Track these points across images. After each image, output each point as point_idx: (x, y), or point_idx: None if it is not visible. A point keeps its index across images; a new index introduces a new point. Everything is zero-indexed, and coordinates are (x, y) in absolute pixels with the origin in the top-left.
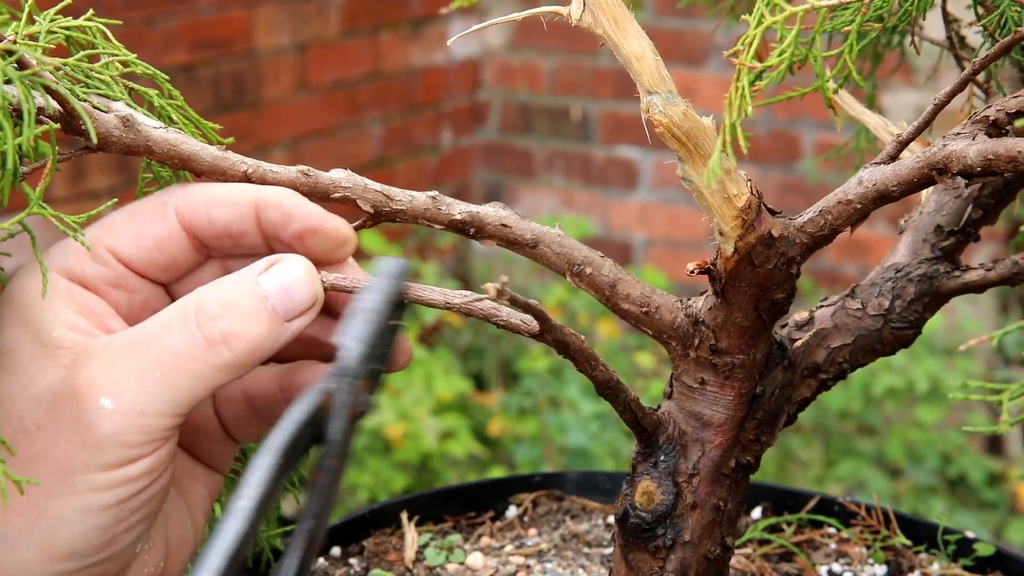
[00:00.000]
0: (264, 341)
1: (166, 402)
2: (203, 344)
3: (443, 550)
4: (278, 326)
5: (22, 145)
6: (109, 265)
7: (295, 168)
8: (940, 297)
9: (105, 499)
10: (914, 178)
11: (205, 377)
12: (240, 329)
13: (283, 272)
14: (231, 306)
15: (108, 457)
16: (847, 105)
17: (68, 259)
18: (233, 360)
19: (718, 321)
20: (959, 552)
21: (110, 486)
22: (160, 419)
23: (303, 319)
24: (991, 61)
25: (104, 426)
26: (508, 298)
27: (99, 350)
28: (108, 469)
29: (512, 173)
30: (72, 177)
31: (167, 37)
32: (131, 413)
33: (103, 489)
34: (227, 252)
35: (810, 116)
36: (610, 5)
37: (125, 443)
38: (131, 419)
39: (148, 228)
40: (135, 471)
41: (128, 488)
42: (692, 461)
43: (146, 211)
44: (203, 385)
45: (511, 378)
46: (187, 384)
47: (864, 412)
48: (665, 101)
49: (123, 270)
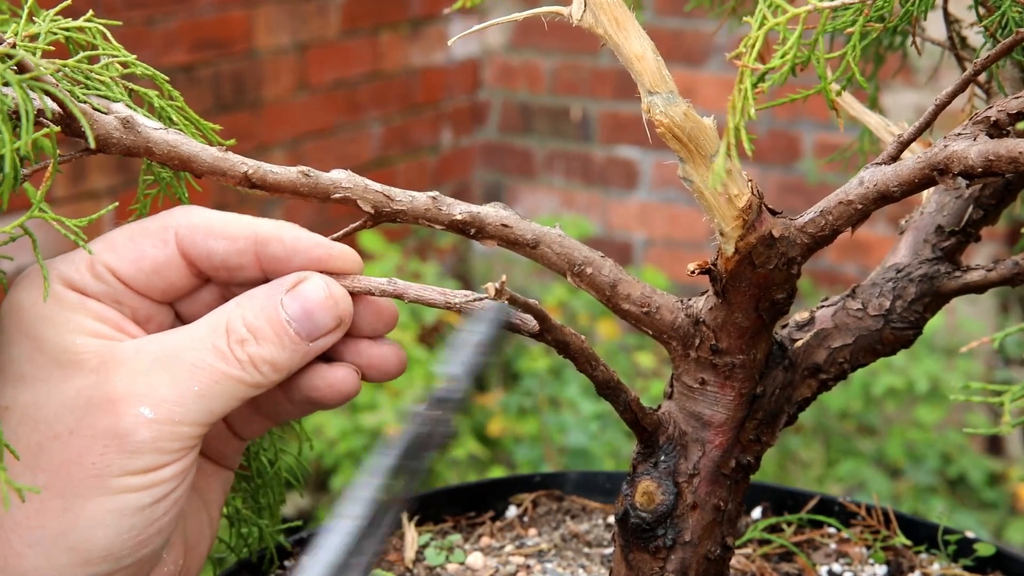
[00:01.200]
0: (287, 364)
1: (201, 413)
2: (236, 365)
3: (443, 550)
4: (301, 348)
5: (21, 148)
6: (108, 283)
7: (295, 169)
8: (941, 297)
9: (141, 500)
10: (915, 179)
11: (237, 392)
12: (266, 354)
13: (306, 295)
14: (257, 331)
15: (144, 462)
16: (848, 105)
17: (70, 272)
18: (262, 380)
19: (718, 321)
20: (959, 552)
21: (145, 487)
22: (194, 428)
23: (328, 338)
24: (992, 62)
25: (142, 434)
26: (507, 297)
27: (130, 356)
28: (143, 473)
29: (512, 173)
30: (72, 178)
31: (167, 37)
32: (169, 422)
33: (138, 490)
34: (224, 282)
35: (810, 116)
36: (611, 5)
37: (161, 449)
38: (169, 428)
39: (148, 251)
40: (168, 474)
41: (161, 489)
42: (692, 461)
43: (148, 233)
44: (236, 398)
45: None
46: (221, 398)
47: (864, 412)
48: (666, 101)
49: (122, 288)
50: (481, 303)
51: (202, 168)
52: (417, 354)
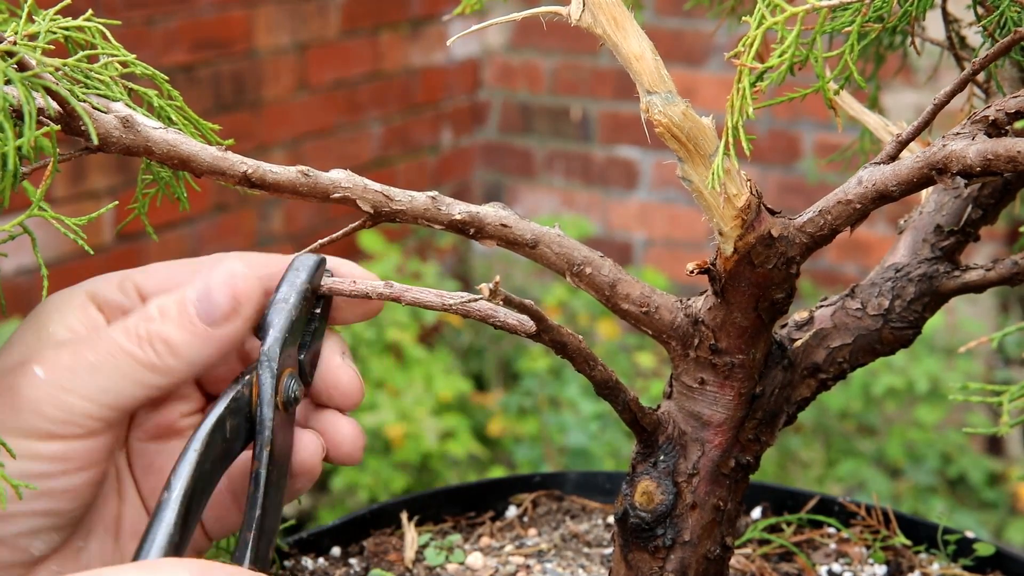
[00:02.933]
0: (183, 346)
1: (92, 388)
2: (134, 341)
3: (443, 550)
4: (199, 331)
5: (22, 146)
6: (129, 297)
7: (295, 168)
8: (940, 297)
9: (22, 468)
10: (914, 178)
11: (131, 372)
12: (162, 332)
13: (211, 276)
14: (164, 310)
15: (27, 423)
16: (847, 105)
17: (98, 283)
18: (156, 361)
19: (718, 321)
20: (959, 552)
21: (26, 455)
22: (82, 401)
23: (228, 327)
24: (991, 61)
25: (27, 392)
26: (502, 298)
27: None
28: (24, 437)
29: (512, 173)
30: (72, 177)
31: (167, 37)
32: (55, 386)
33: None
34: None
35: (810, 116)
36: (610, 5)
37: (42, 415)
38: (53, 392)
39: (177, 278)
40: (45, 450)
41: (43, 466)
42: (692, 461)
43: (183, 267)
44: (130, 379)
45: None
46: (114, 375)
47: (864, 412)
48: (665, 101)
49: (137, 301)
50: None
51: (201, 167)
52: (417, 354)
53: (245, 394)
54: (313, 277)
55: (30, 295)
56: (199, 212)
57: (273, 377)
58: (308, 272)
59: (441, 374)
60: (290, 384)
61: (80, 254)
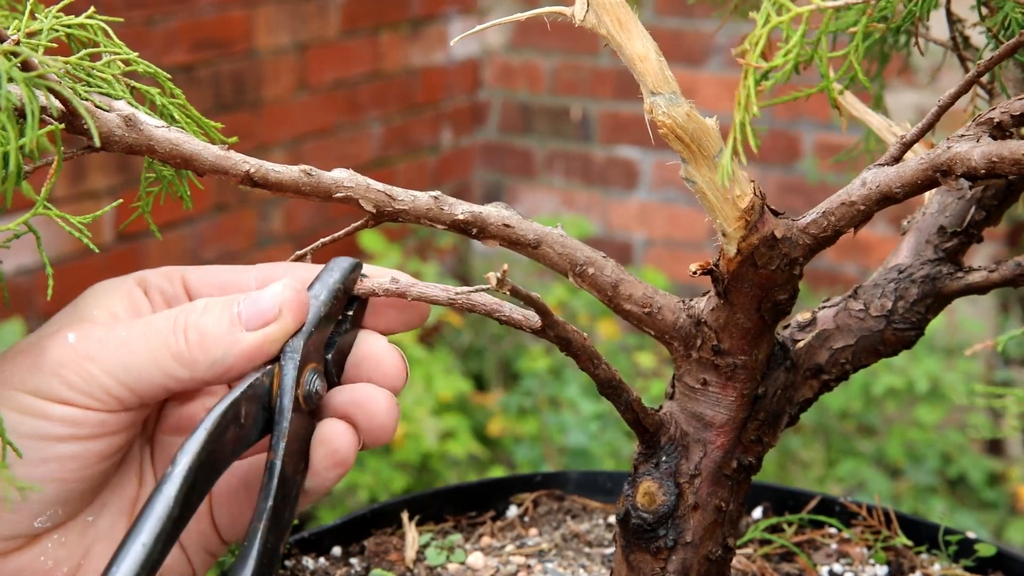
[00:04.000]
0: (214, 341)
1: (115, 362)
2: (170, 327)
3: (444, 550)
4: (236, 330)
5: (25, 146)
6: (175, 286)
7: (297, 168)
8: (943, 298)
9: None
10: (918, 180)
11: (158, 356)
12: (200, 323)
13: (265, 288)
14: (209, 306)
15: (42, 383)
16: (850, 105)
17: (148, 272)
18: (183, 350)
19: (720, 322)
20: (960, 553)
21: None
22: (102, 374)
23: (266, 330)
24: (995, 64)
25: (53, 353)
26: (509, 288)
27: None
28: (39, 397)
29: (512, 173)
30: (72, 177)
31: (167, 37)
32: (81, 353)
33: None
34: None
35: (810, 116)
36: (614, 6)
37: (62, 378)
38: (78, 359)
39: (225, 276)
40: (56, 412)
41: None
42: (694, 462)
43: (236, 269)
44: (154, 364)
45: (511, 378)
46: (141, 355)
47: (864, 412)
48: (669, 102)
49: (183, 294)
50: (482, 295)
51: (204, 166)
52: (417, 354)
53: (265, 383)
54: (347, 278)
55: (30, 295)
56: (199, 212)
57: (295, 369)
58: (342, 273)
59: (441, 374)
60: (312, 379)
61: (80, 254)
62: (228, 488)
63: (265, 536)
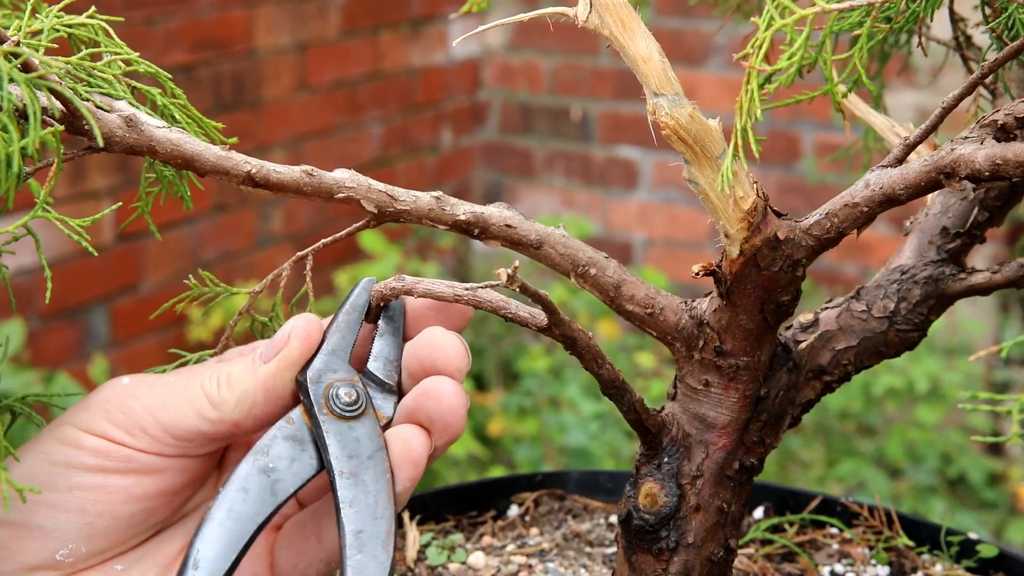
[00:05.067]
0: (239, 379)
1: (155, 401)
2: (208, 374)
3: (445, 549)
4: (255, 366)
5: (27, 147)
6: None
7: (299, 168)
8: (946, 299)
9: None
10: (921, 182)
11: (194, 398)
12: (230, 367)
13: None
14: (242, 352)
15: (86, 416)
16: (853, 106)
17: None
18: (214, 391)
19: (723, 323)
20: (962, 553)
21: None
22: (142, 411)
23: (277, 357)
24: (999, 65)
25: (105, 391)
26: (518, 285)
27: None
28: (74, 426)
29: (512, 173)
30: (72, 178)
31: (167, 37)
32: (128, 392)
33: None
34: None
35: (810, 116)
36: (617, 6)
37: (105, 413)
38: (124, 396)
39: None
40: (88, 443)
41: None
42: (696, 463)
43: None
44: (189, 406)
45: (511, 378)
46: (179, 398)
47: (864, 412)
48: (672, 103)
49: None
50: (485, 290)
51: (205, 167)
52: None
53: (294, 421)
54: (360, 295)
55: (30, 295)
56: (199, 212)
57: (316, 385)
58: (356, 291)
59: None
60: (336, 391)
61: (80, 254)
62: (294, 525)
63: (346, 554)
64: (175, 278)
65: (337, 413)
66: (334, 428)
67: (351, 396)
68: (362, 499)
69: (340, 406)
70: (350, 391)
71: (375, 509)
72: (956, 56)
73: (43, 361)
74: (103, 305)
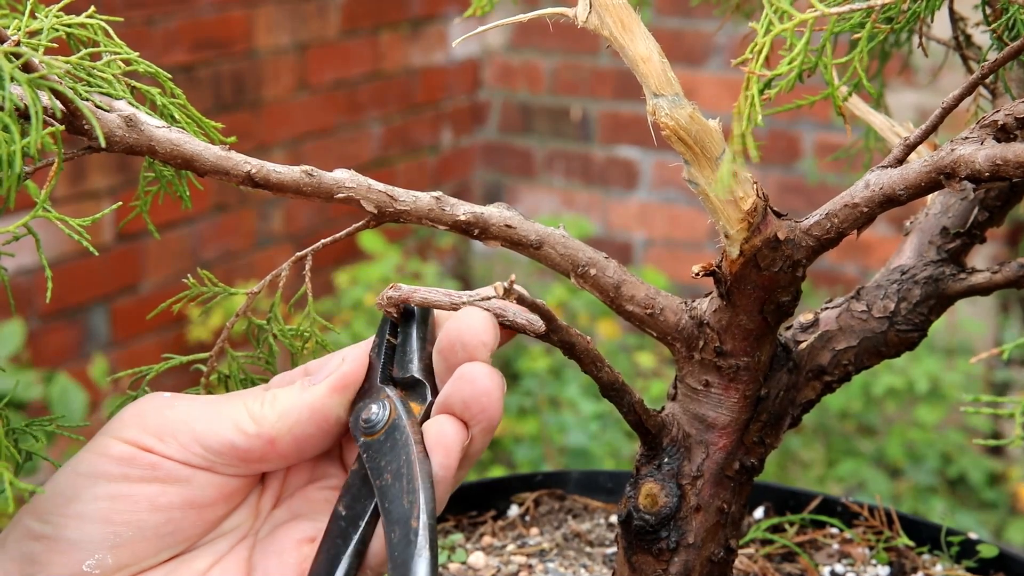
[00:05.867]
0: (284, 398)
1: (193, 414)
2: (254, 393)
3: (445, 549)
4: (304, 386)
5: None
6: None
7: (299, 168)
8: (946, 299)
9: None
10: (921, 182)
11: (233, 413)
12: (278, 390)
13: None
14: (292, 376)
15: (121, 427)
16: (853, 106)
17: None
18: (258, 408)
19: (723, 323)
20: (962, 553)
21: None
22: (177, 422)
23: (329, 379)
24: (1000, 65)
25: (144, 403)
26: (516, 297)
27: None
28: (108, 435)
29: (512, 173)
30: (72, 177)
31: (167, 37)
32: (167, 404)
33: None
34: None
35: (810, 116)
36: (617, 7)
37: (140, 423)
38: (161, 407)
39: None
40: (115, 450)
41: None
42: (696, 463)
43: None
44: (228, 419)
45: (511, 378)
46: (219, 412)
47: (864, 412)
48: (672, 104)
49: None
50: (487, 301)
51: (205, 167)
52: None
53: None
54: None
55: (30, 295)
56: (199, 212)
57: (354, 416)
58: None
59: None
60: (366, 412)
61: (80, 254)
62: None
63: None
64: (175, 278)
65: (366, 431)
66: (368, 445)
67: (379, 411)
68: (398, 506)
69: (370, 424)
70: (378, 405)
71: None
72: (956, 56)
73: (43, 361)
74: (103, 305)
